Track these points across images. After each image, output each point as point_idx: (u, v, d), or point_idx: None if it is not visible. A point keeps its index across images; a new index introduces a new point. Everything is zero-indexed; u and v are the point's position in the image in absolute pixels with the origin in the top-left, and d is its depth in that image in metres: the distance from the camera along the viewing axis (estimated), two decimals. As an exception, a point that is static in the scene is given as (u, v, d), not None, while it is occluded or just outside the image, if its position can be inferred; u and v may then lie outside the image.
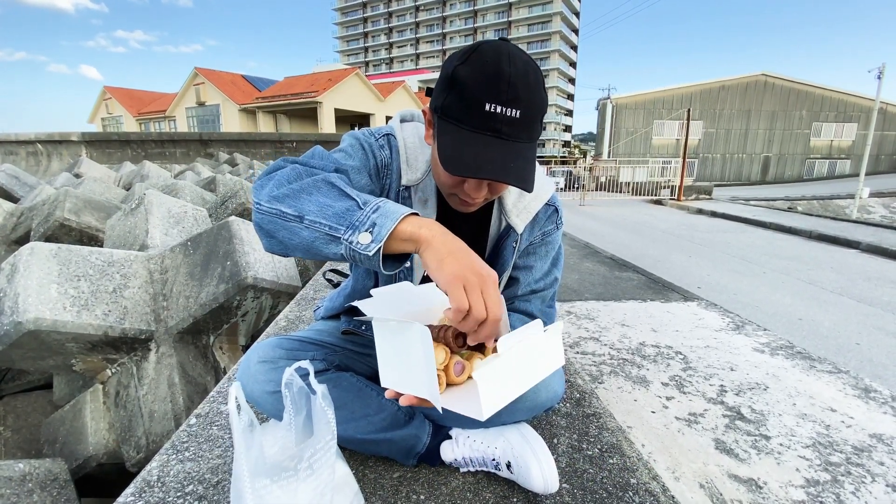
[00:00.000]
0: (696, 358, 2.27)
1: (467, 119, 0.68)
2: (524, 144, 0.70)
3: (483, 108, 0.66)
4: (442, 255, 0.60)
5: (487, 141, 0.67)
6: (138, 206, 2.66)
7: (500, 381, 0.62)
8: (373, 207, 0.63)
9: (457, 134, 0.69)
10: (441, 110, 0.71)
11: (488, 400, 0.61)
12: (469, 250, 0.62)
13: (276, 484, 0.52)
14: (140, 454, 1.71)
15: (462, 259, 0.60)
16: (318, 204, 0.64)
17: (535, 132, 0.71)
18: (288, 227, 0.65)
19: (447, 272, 0.59)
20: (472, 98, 0.66)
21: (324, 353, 0.95)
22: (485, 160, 0.67)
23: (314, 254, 0.66)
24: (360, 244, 0.61)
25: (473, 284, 0.59)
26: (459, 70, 0.68)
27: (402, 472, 0.95)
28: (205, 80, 28.77)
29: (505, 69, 0.65)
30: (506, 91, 0.65)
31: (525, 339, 0.66)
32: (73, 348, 1.74)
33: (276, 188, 0.68)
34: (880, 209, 15.50)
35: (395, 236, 0.61)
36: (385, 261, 0.63)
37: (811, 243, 6.97)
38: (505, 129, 0.67)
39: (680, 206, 12.25)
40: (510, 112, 0.66)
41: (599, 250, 4.98)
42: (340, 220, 0.62)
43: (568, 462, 1.00)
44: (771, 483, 1.39)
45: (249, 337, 2.20)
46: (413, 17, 68.25)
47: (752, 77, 26.29)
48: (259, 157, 11.26)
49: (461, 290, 0.59)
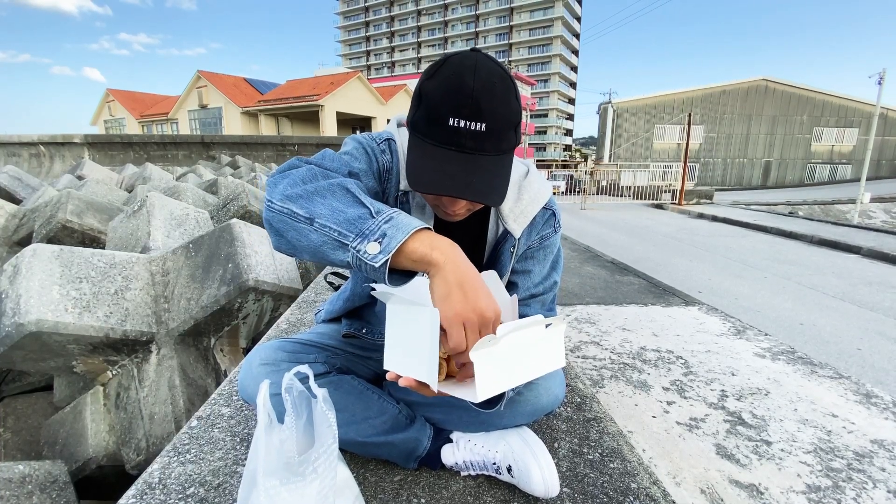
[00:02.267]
0: (697, 363, 2.26)
1: (432, 134, 0.68)
2: (490, 157, 0.69)
3: (447, 122, 0.66)
4: (451, 286, 0.59)
5: (450, 156, 0.67)
6: (140, 208, 2.67)
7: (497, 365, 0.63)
8: (385, 218, 0.62)
9: (423, 149, 0.69)
10: (412, 125, 0.72)
11: (484, 381, 0.61)
12: (479, 283, 0.61)
13: (284, 486, 0.52)
14: (140, 456, 1.71)
15: (469, 295, 0.59)
16: (331, 208, 0.63)
17: (504, 143, 0.70)
18: (297, 227, 0.64)
19: (451, 309, 0.59)
20: (435, 113, 0.66)
21: (325, 356, 0.95)
22: (445, 176, 0.67)
23: (321, 258, 0.65)
24: (367, 254, 0.59)
25: (474, 325, 0.59)
26: (425, 85, 0.68)
27: (403, 475, 0.95)
28: (207, 83, 28.89)
29: (468, 83, 0.65)
30: (468, 105, 0.65)
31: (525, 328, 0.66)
32: (75, 350, 1.74)
33: (289, 187, 0.67)
34: (881, 214, 15.49)
35: (404, 251, 0.60)
36: (391, 274, 0.61)
37: (812, 248, 6.96)
38: (469, 143, 0.67)
39: (681, 211, 12.25)
40: (474, 126, 0.66)
41: (600, 254, 4.98)
42: (351, 226, 0.61)
43: (569, 466, 1.00)
44: (772, 489, 1.38)
45: (250, 339, 2.20)
46: (415, 21, 68.58)
47: (753, 82, 26.34)
48: (261, 160, 11.29)
49: (461, 329, 0.59)
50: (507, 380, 0.65)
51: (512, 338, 0.63)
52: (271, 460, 0.55)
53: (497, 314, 0.62)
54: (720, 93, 26.32)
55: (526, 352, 0.67)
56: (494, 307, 0.62)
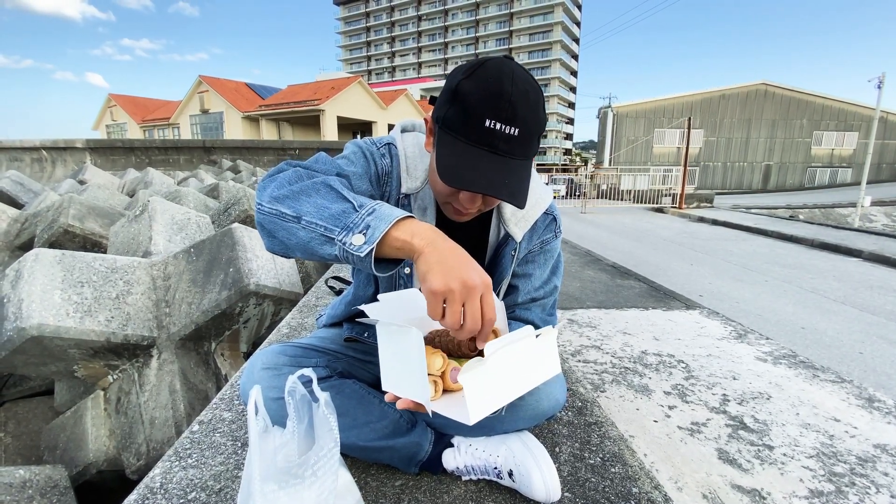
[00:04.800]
0: (699, 367, 2.26)
1: (467, 132, 0.69)
2: (519, 161, 0.71)
3: (483, 123, 0.67)
4: (430, 265, 0.61)
5: (484, 155, 0.69)
6: (142, 212, 2.67)
7: (488, 384, 0.63)
8: (368, 210, 0.65)
9: (455, 146, 0.70)
10: (442, 121, 0.73)
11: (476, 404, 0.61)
12: (462, 256, 0.63)
13: (283, 490, 0.52)
14: (140, 461, 1.71)
15: (449, 269, 0.60)
16: (316, 205, 0.66)
17: (530, 150, 0.72)
18: (286, 227, 0.67)
19: (428, 284, 0.60)
20: (473, 113, 0.68)
21: (326, 360, 0.95)
22: (480, 174, 0.68)
23: (311, 254, 0.67)
24: (353, 245, 0.62)
25: (456, 296, 0.59)
26: (463, 84, 0.69)
27: (405, 479, 0.94)
28: (209, 88, 29.04)
29: (507, 88, 0.67)
30: (506, 109, 0.67)
31: (513, 342, 0.66)
32: (76, 354, 1.74)
33: (277, 189, 0.70)
34: (882, 218, 15.48)
35: (387, 240, 0.63)
36: (378, 263, 0.64)
37: (813, 252, 6.95)
38: (502, 145, 0.68)
39: (681, 215, 12.25)
40: (508, 129, 0.67)
41: (601, 258, 4.98)
42: (336, 221, 0.64)
43: (570, 471, 0.99)
44: (774, 494, 1.38)
45: (251, 344, 2.20)
46: (415, 26, 68.95)
47: (753, 86, 26.39)
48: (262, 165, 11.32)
49: (438, 302, 0.60)
50: (500, 398, 0.65)
51: (501, 355, 0.64)
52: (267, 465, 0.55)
53: (486, 280, 0.62)
54: (720, 97, 26.37)
55: (517, 366, 0.67)
56: (481, 275, 0.62)
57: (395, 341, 0.67)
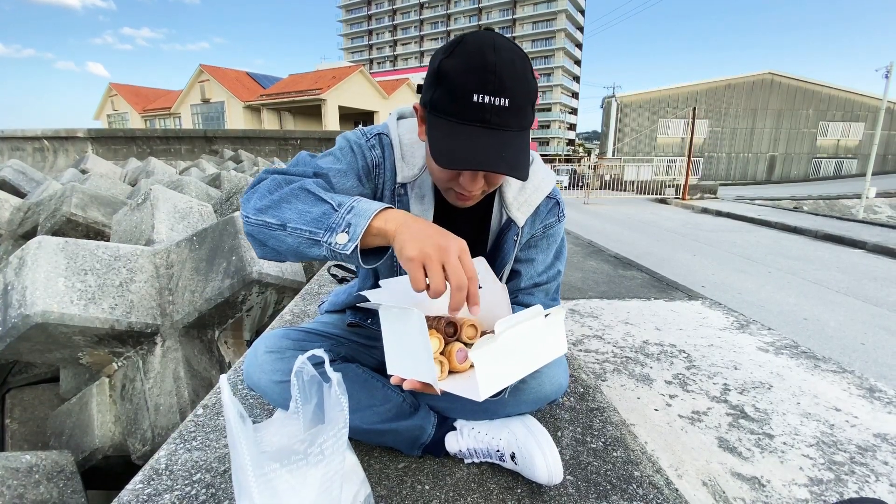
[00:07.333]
0: (700, 356, 2.26)
1: (456, 112, 0.68)
2: (515, 133, 0.69)
3: (471, 99, 0.66)
4: (403, 241, 0.63)
5: (478, 132, 0.67)
6: (144, 201, 2.67)
7: (498, 362, 0.64)
8: (347, 208, 0.67)
9: (447, 127, 0.69)
10: (430, 105, 0.71)
11: (486, 380, 0.62)
12: (433, 227, 0.66)
13: (286, 468, 0.52)
14: (145, 447, 1.73)
15: (423, 238, 0.63)
16: (297, 211, 0.69)
17: (525, 120, 0.71)
18: (274, 235, 0.70)
19: (404, 257, 0.63)
20: (459, 90, 0.66)
21: (330, 345, 0.96)
22: (477, 152, 0.67)
23: (302, 257, 0.71)
24: (338, 244, 0.65)
25: (434, 260, 0.62)
26: (445, 63, 0.68)
27: (407, 462, 0.95)
28: (210, 78, 28.85)
29: (490, 59, 0.65)
30: (493, 81, 0.65)
31: (524, 321, 0.67)
32: (80, 341, 1.76)
33: (259, 200, 0.72)
34: (887, 209, 15.39)
35: (369, 233, 0.65)
36: (365, 255, 0.67)
37: (817, 243, 6.92)
38: (494, 118, 0.67)
39: (685, 205, 12.20)
40: (499, 101, 0.66)
41: (603, 249, 4.97)
42: (318, 224, 0.67)
43: (572, 454, 1.00)
44: (774, 481, 1.39)
45: (254, 332, 2.21)
46: (417, 14, 68.16)
47: (759, 76, 26.10)
48: (263, 154, 11.28)
49: (419, 269, 0.62)
50: (509, 375, 0.67)
51: (511, 333, 0.65)
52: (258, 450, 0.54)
53: (461, 243, 0.64)
54: (725, 87, 26.09)
55: (526, 345, 0.68)
56: (455, 238, 0.64)
57: (398, 323, 0.68)
